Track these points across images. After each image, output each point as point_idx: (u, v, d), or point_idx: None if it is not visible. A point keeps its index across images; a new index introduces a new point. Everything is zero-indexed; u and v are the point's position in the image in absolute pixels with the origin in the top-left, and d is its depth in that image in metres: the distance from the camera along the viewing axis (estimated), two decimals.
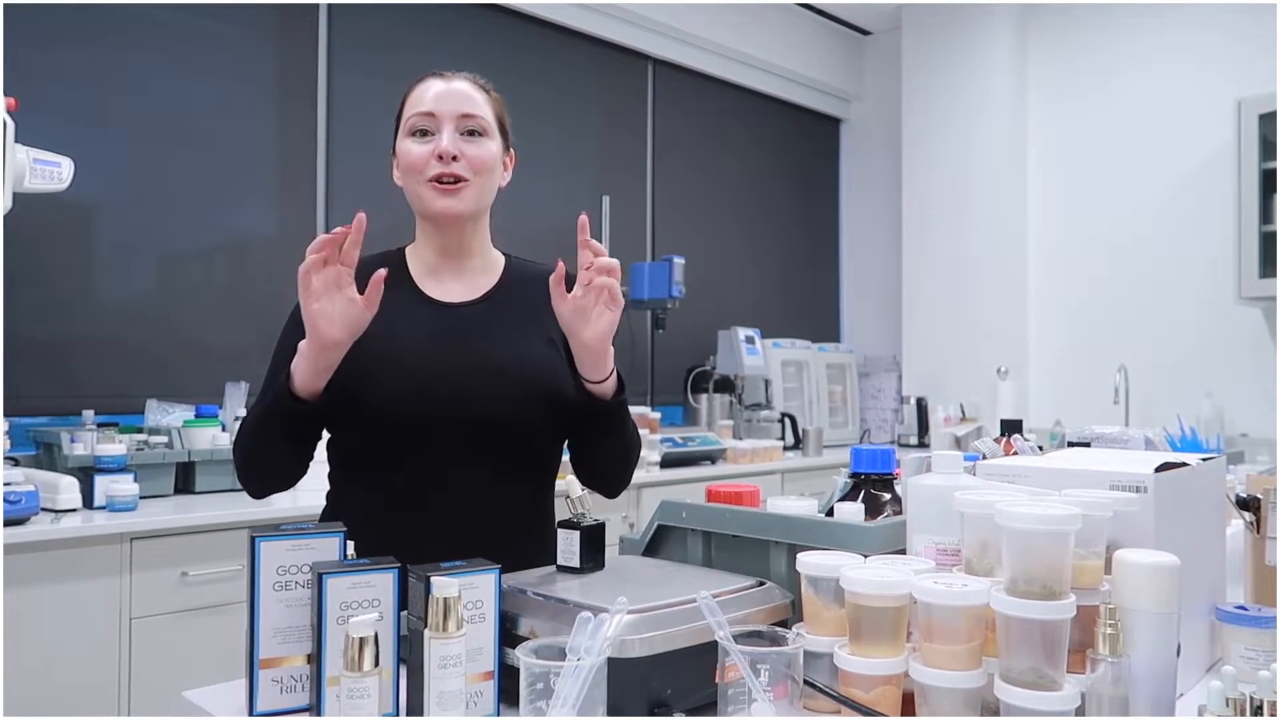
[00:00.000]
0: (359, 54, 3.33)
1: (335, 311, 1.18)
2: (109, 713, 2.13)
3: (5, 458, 2.31)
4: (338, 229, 1.17)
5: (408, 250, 1.45)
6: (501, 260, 1.47)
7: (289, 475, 1.34)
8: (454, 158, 1.33)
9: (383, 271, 1.19)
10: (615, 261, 1.24)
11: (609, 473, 1.45)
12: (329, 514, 1.42)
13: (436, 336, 1.37)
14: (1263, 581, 1.28)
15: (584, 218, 1.24)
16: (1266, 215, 3.55)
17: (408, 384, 1.32)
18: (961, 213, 4.53)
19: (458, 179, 1.34)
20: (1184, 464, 1.09)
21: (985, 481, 1.07)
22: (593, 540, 1.15)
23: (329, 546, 1.02)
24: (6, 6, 2.50)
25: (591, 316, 1.25)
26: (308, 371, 1.22)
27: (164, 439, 2.56)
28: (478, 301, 1.42)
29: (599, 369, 1.30)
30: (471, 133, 1.36)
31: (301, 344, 1.21)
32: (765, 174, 4.91)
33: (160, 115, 2.88)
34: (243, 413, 2.79)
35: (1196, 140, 4.05)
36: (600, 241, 1.36)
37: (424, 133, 1.36)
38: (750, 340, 4.19)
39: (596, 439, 1.40)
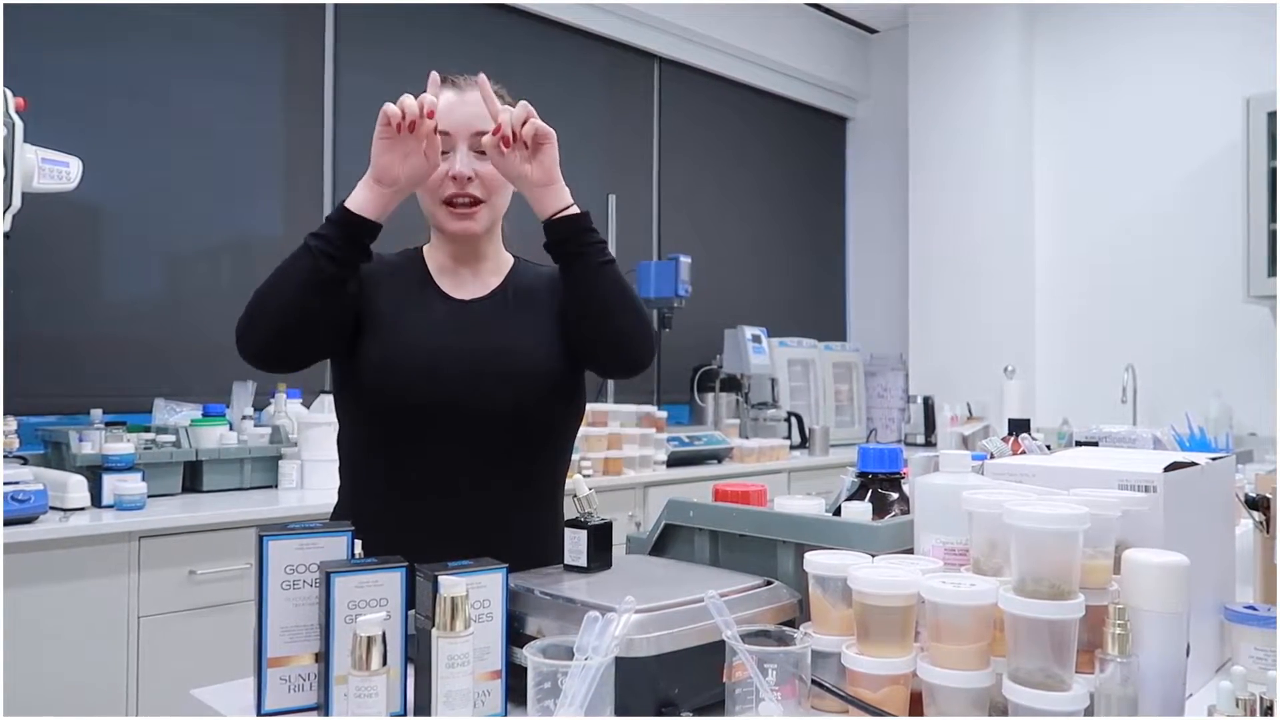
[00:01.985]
0: (365, 53, 3.33)
1: (402, 152, 1.25)
2: (117, 711, 2.14)
3: (14, 456, 2.31)
4: (428, 108, 1.24)
5: (425, 249, 1.48)
6: (511, 260, 1.49)
7: (300, 323, 1.27)
8: (469, 179, 1.34)
9: (433, 123, 1.25)
10: (523, 109, 1.27)
11: (622, 319, 1.32)
12: (339, 512, 1.42)
13: (449, 328, 1.38)
14: (1272, 581, 1.27)
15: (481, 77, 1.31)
16: (1274, 213, 3.53)
17: (419, 374, 1.33)
18: (968, 211, 4.52)
19: (473, 200, 1.36)
20: (1193, 463, 1.09)
21: (993, 481, 1.07)
22: (600, 539, 1.15)
23: (337, 545, 1.02)
24: (12, 7, 2.51)
25: (534, 158, 1.28)
26: (364, 199, 1.27)
27: (171, 438, 2.57)
28: (488, 297, 1.43)
29: (556, 197, 1.31)
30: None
31: (361, 179, 1.28)
32: (771, 173, 4.90)
33: (167, 115, 2.88)
34: (250, 411, 2.80)
35: (1204, 139, 4.03)
36: (606, 240, 1.38)
37: None
38: (756, 339, 4.18)
39: (593, 279, 1.31)
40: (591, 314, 1.32)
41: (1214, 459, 1.18)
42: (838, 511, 1.19)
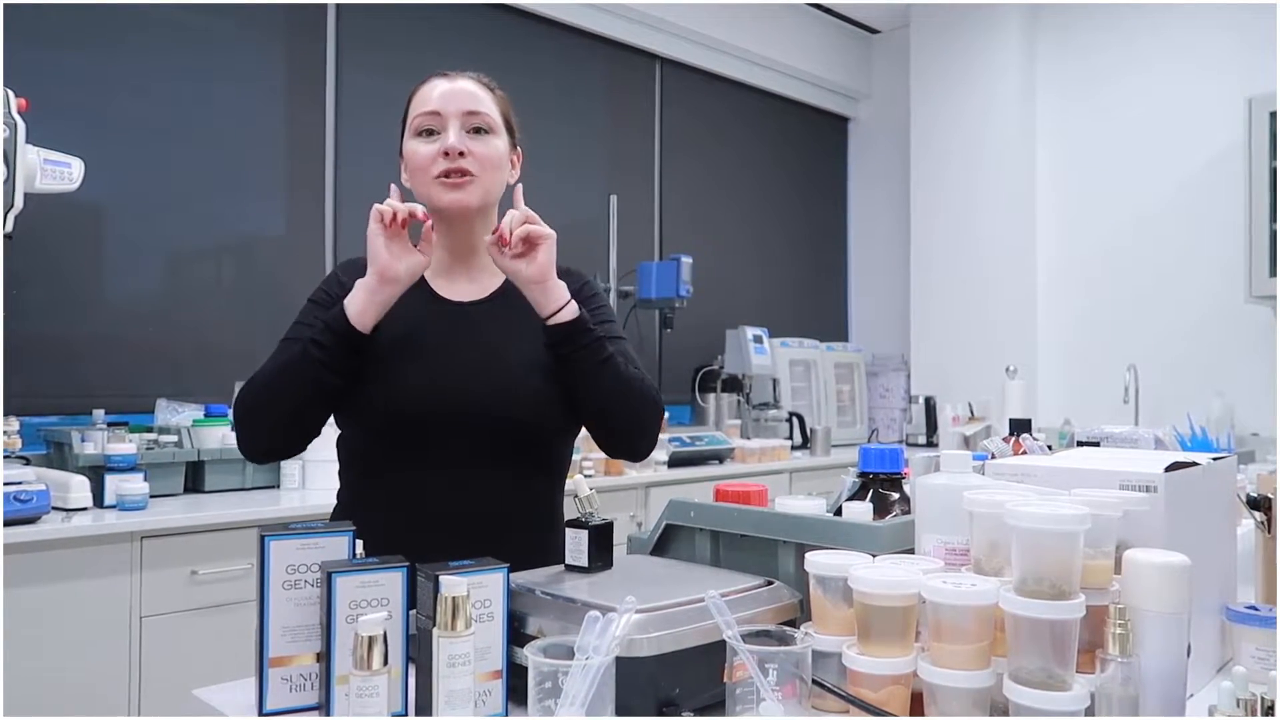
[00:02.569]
0: (367, 54, 3.34)
1: (398, 249, 1.27)
2: (119, 711, 2.14)
3: (17, 456, 2.32)
4: (416, 212, 1.29)
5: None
6: None
7: (300, 430, 1.32)
8: (460, 153, 1.34)
9: (428, 227, 1.30)
10: (523, 214, 1.29)
11: (619, 419, 1.35)
12: (339, 513, 1.42)
13: (448, 335, 1.38)
14: (1273, 581, 1.27)
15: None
16: (1275, 214, 3.53)
17: (420, 381, 1.33)
18: (970, 211, 4.52)
19: (464, 173, 1.35)
20: (1194, 463, 1.09)
21: (994, 481, 1.07)
22: (601, 539, 1.15)
23: (338, 545, 1.02)
24: (13, 7, 2.51)
25: (527, 257, 1.29)
26: (365, 303, 1.27)
27: (174, 438, 2.57)
28: (486, 300, 1.43)
29: (552, 297, 1.30)
30: (477, 130, 1.37)
31: (359, 281, 1.28)
32: (773, 173, 4.90)
33: (169, 115, 2.89)
34: None
35: (1206, 138, 4.03)
36: (608, 241, 1.39)
37: (430, 132, 1.36)
38: (758, 339, 4.18)
39: (589, 382, 1.32)
40: (590, 412, 1.36)
41: (1215, 459, 1.18)
42: (839, 512, 1.19)
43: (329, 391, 1.29)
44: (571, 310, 1.31)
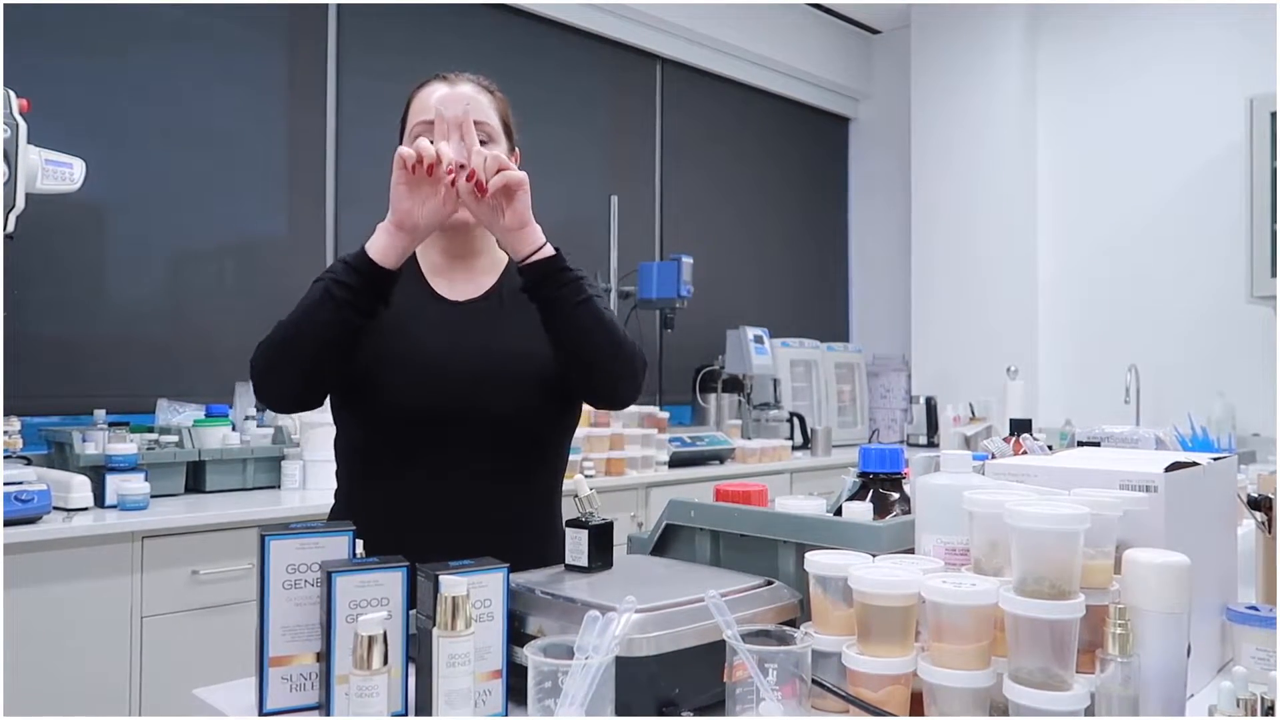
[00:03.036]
0: (368, 55, 3.34)
1: (421, 196, 1.24)
2: (119, 711, 2.14)
3: (18, 456, 2.32)
4: (443, 155, 1.23)
5: (417, 248, 1.46)
6: (505, 258, 1.48)
7: (321, 378, 1.31)
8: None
9: (452, 175, 1.24)
10: (495, 160, 1.24)
11: (600, 358, 1.32)
12: (338, 513, 1.42)
13: (445, 333, 1.38)
14: (1274, 582, 1.27)
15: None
16: (1276, 214, 3.53)
17: (417, 379, 1.33)
18: (971, 212, 4.52)
19: None
20: (1195, 463, 1.09)
21: (994, 481, 1.07)
22: (601, 539, 1.15)
23: (338, 545, 1.02)
24: (14, 7, 2.52)
25: (507, 206, 1.26)
26: (386, 245, 1.25)
27: (175, 438, 2.57)
28: (483, 299, 1.43)
29: (528, 240, 1.28)
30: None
31: (379, 224, 1.26)
32: (774, 173, 4.90)
33: (170, 116, 2.89)
34: (252, 412, 2.80)
35: (1207, 138, 4.03)
36: (608, 241, 1.38)
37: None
38: (759, 340, 4.18)
39: (570, 324, 1.30)
40: (571, 354, 1.32)
41: (1216, 459, 1.18)
42: (839, 512, 1.19)
43: (352, 333, 1.27)
44: (549, 250, 1.29)
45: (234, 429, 2.68)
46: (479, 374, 1.35)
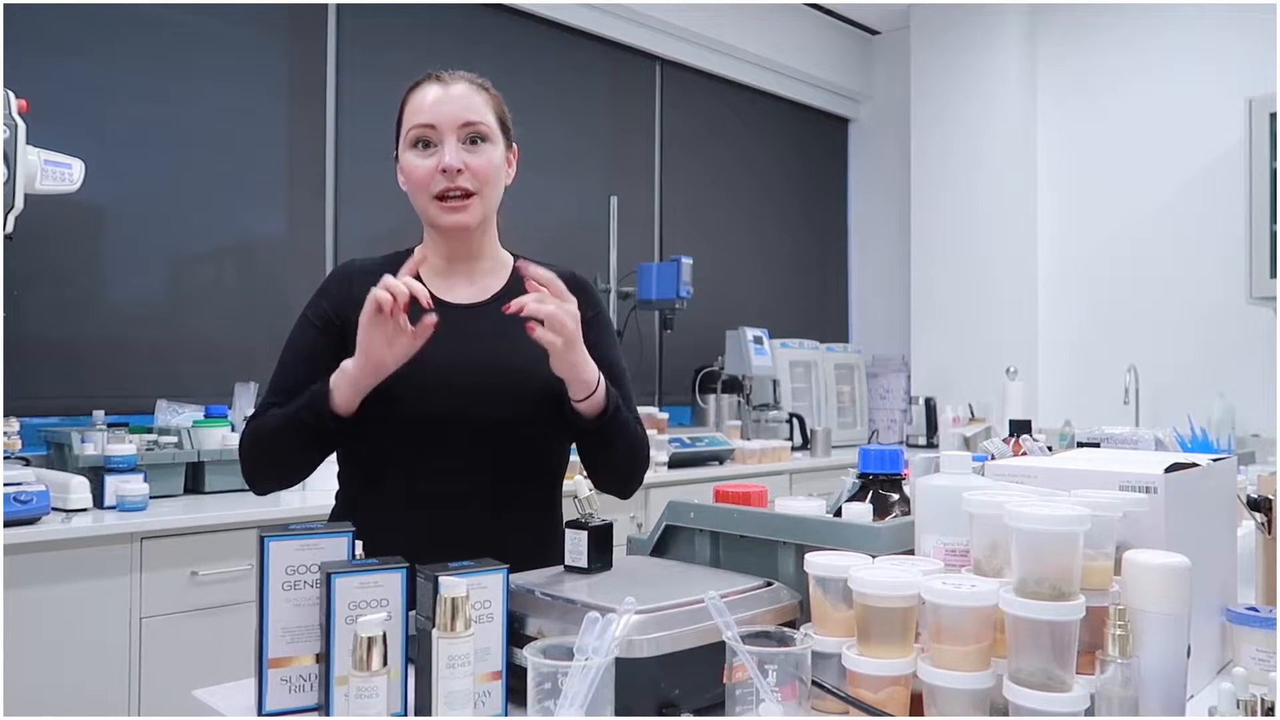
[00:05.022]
0: (367, 56, 3.34)
1: (391, 336, 1.21)
2: (119, 712, 2.14)
3: (17, 457, 2.32)
4: (419, 295, 1.19)
5: (417, 251, 1.46)
6: (510, 260, 1.48)
7: (302, 476, 1.38)
8: (458, 171, 1.33)
9: (433, 317, 1.21)
10: (543, 294, 1.20)
11: (616, 478, 1.45)
12: (339, 514, 1.42)
13: (448, 338, 1.37)
14: (1274, 583, 1.27)
15: (523, 265, 1.24)
16: (1276, 215, 3.53)
17: (420, 385, 1.32)
18: (971, 212, 4.52)
19: (464, 193, 1.34)
20: (1194, 464, 1.09)
21: (994, 482, 1.07)
22: (601, 540, 1.15)
23: (338, 546, 1.02)
24: (13, 7, 2.51)
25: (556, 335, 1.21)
26: (349, 392, 1.25)
27: (174, 439, 2.57)
28: (487, 303, 1.42)
29: (577, 389, 1.29)
30: (473, 140, 1.36)
31: (346, 364, 1.25)
32: (773, 174, 4.90)
33: (170, 117, 2.89)
34: (251, 412, 2.79)
35: (1207, 139, 4.03)
36: (608, 242, 1.38)
37: (426, 144, 1.35)
38: (758, 340, 4.18)
39: (597, 449, 1.40)
40: (593, 458, 1.43)
41: (1216, 460, 1.18)
42: (838, 513, 1.19)
43: (327, 447, 1.35)
44: (600, 397, 1.31)
45: (233, 430, 2.68)
46: (479, 382, 1.35)
